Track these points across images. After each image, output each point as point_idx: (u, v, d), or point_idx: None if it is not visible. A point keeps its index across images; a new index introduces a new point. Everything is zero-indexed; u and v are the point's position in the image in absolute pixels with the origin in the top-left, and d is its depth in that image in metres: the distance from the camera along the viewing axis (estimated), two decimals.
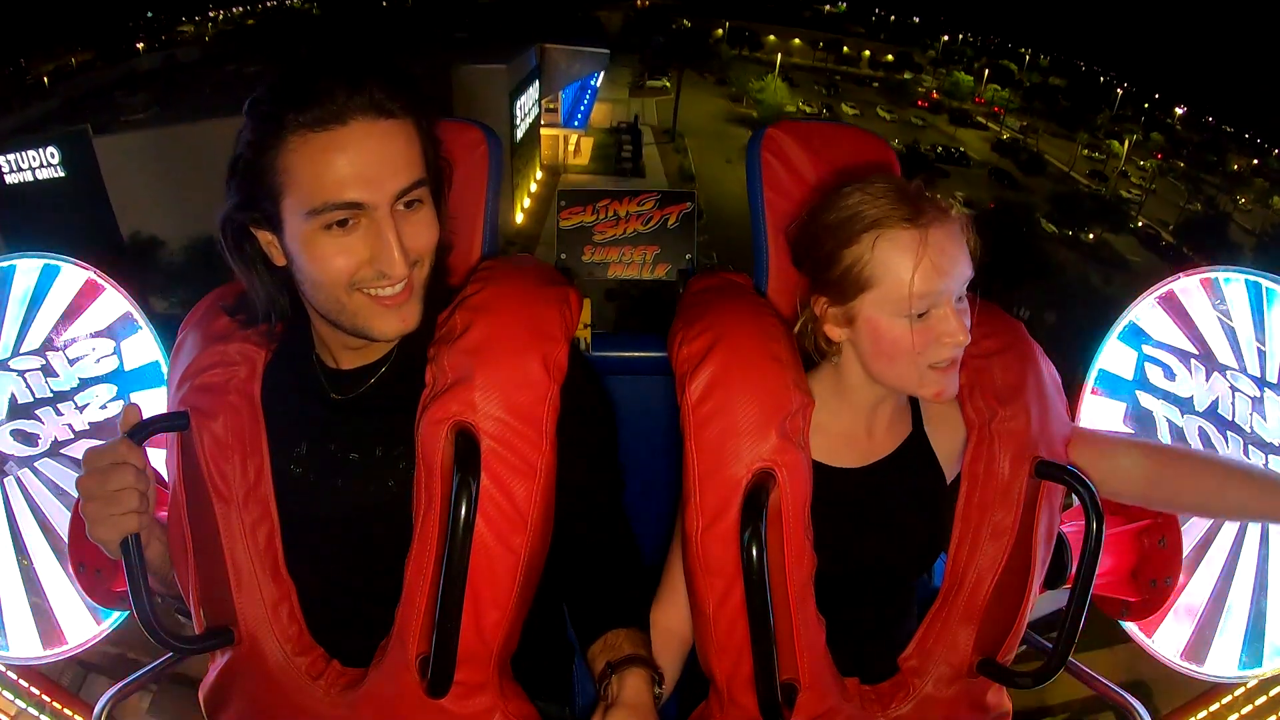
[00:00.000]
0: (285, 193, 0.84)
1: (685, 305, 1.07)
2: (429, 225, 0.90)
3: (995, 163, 38.14)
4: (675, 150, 32.88)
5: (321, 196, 0.82)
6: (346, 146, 0.82)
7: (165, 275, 15.91)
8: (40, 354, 1.28)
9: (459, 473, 0.86)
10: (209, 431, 0.96)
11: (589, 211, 1.38)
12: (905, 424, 1.06)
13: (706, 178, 29.20)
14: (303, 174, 0.82)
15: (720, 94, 43.54)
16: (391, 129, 0.84)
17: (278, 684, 0.96)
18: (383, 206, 0.84)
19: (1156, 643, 1.29)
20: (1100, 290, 22.94)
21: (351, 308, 0.89)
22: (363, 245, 0.85)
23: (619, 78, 42.30)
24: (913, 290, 0.89)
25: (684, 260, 1.39)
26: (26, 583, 1.28)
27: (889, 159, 1.18)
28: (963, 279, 0.92)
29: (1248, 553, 1.23)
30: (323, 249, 0.85)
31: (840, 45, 56.71)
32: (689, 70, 40.20)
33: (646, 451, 1.17)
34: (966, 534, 1.01)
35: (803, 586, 0.94)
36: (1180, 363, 1.28)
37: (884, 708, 1.01)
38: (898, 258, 0.90)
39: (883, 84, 51.74)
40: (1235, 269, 1.24)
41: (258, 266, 0.93)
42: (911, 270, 0.89)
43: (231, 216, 0.89)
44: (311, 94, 0.81)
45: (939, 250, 0.89)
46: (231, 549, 0.95)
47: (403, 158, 0.85)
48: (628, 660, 0.91)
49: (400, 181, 0.85)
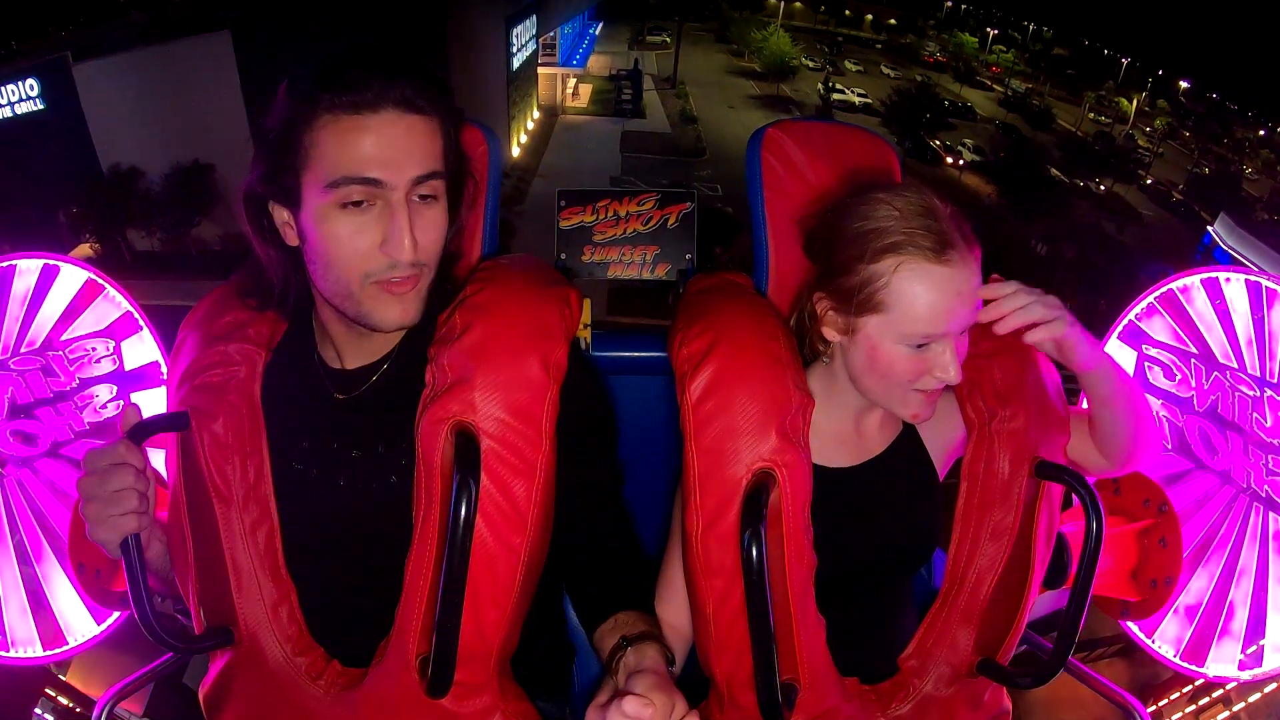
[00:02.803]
0: (308, 167, 0.86)
1: (685, 305, 1.07)
2: (438, 223, 0.92)
3: (1003, 118, 37.28)
4: (676, 96, 32.41)
5: (343, 169, 0.85)
6: (374, 129, 0.85)
7: (145, 205, 15.61)
8: (40, 354, 1.28)
9: (459, 472, 0.86)
10: (209, 432, 0.96)
11: (589, 211, 1.38)
12: (897, 422, 1.07)
13: (709, 120, 29.08)
14: (328, 149, 0.85)
15: (721, 50, 43.01)
16: (417, 123, 0.87)
17: (278, 684, 0.96)
18: (400, 189, 0.87)
19: (1156, 643, 1.29)
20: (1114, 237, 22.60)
21: (359, 295, 0.90)
22: (376, 226, 0.87)
23: (618, 33, 42.12)
24: (922, 328, 0.90)
25: (684, 260, 1.39)
26: (26, 583, 1.29)
27: (890, 159, 1.18)
28: (972, 320, 0.92)
29: (1248, 553, 1.23)
30: (337, 226, 0.87)
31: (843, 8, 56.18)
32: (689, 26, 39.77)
33: (646, 451, 1.17)
34: (966, 534, 1.01)
35: (803, 586, 0.94)
36: (1180, 363, 1.28)
37: (884, 708, 1.01)
38: (917, 291, 0.89)
39: (885, 46, 51.21)
40: (1235, 269, 1.24)
41: (274, 242, 0.94)
42: (928, 308, 0.89)
43: (254, 188, 0.91)
44: (349, 79, 0.84)
45: (956, 293, 0.88)
46: (231, 549, 0.95)
47: (423, 150, 0.88)
48: (643, 635, 0.91)
49: (419, 168, 0.87)
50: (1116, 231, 24.05)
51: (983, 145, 29.82)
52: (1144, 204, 30.41)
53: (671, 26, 40.46)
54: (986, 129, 34.47)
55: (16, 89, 14.94)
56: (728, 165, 23.06)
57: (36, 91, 15.16)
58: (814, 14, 55.09)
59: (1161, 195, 31.47)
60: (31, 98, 15.13)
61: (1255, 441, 1.20)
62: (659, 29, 43.89)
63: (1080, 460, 1.07)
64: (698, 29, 46.12)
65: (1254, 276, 1.22)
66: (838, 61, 42.63)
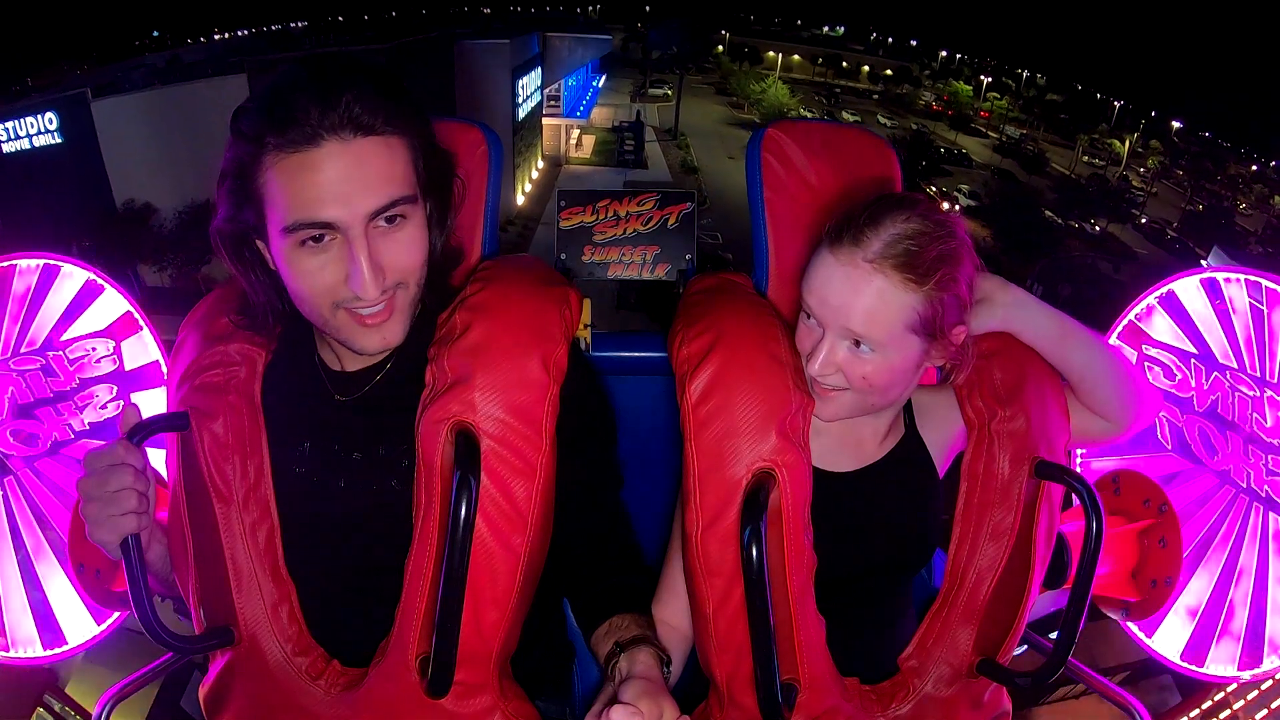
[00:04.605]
0: (266, 209, 0.85)
1: (685, 305, 1.07)
2: (412, 244, 0.89)
3: (998, 164, 38.05)
4: (678, 146, 33.05)
5: (294, 215, 0.82)
6: (319, 166, 0.81)
7: (157, 242, 15.80)
8: (40, 354, 1.28)
9: (459, 472, 0.86)
10: (209, 432, 0.96)
11: (589, 212, 1.38)
12: (899, 427, 1.07)
13: (709, 170, 29.59)
14: (279, 193, 0.83)
15: (720, 102, 43.99)
16: (369, 147, 0.83)
17: (278, 684, 0.96)
18: (356, 226, 0.83)
19: (1156, 643, 1.29)
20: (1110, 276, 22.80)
21: (334, 323, 0.90)
22: (336, 264, 0.85)
23: (620, 86, 42.82)
24: (811, 300, 0.94)
25: (684, 260, 1.39)
26: (26, 583, 1.29)
27: (889, 158, 1.18)
28: (845, 322, 0.92)
29: (1248, 553, 1.23)
30: (301, 265, 0.85)
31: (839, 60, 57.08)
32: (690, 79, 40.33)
33: (646, 451, 1.17)
34: (966, 534, 1.01)
35: (803, 586, 0.94)
36: (1180, 363, 1.28)
37: (884, 707, 1.01)
38: (813, 270, 0.95)
39: (882, 96, 52.02)
40: (1235, 269, 1.24)
41: (255, 270, 0.93)
42: (814, 287, 0.94)
43: (221, 228, 0.90)
44: (286, 115, 0.80)
45: (826, 282, 0.92)
46: (231, 549, 0.95)
47: (379, 176, 0.84)
48: (636, 640, 0.92)
49: (375, 200, 0.84)
50: (1113, 270, 24.28)
51: (978, 190, 30.28)
52: (1139, 242, 30.75)
53: (673, 79, 40.96)
54: (981, 174, 35.01)
55: (36, 122, 15.21)
56: (728, 214, 23.19)
57: (55, 125, 15.41)
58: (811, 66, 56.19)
59: (1156, 233, 31.78)
60: (50, 131, 15.37)
61: (1255, 441, 1.20)
62: (660, 82, 44.45)
63: (1086, 433, 1.07)
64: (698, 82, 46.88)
65: (1254, 276, 1.22)
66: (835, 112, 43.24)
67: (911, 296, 0.90)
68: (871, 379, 0.93)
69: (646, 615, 1.00)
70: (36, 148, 15.12)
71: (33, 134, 15.11)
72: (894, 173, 1.16)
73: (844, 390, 0.96)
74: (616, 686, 0.85)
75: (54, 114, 15.30)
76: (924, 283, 0.89)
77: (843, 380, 0.95)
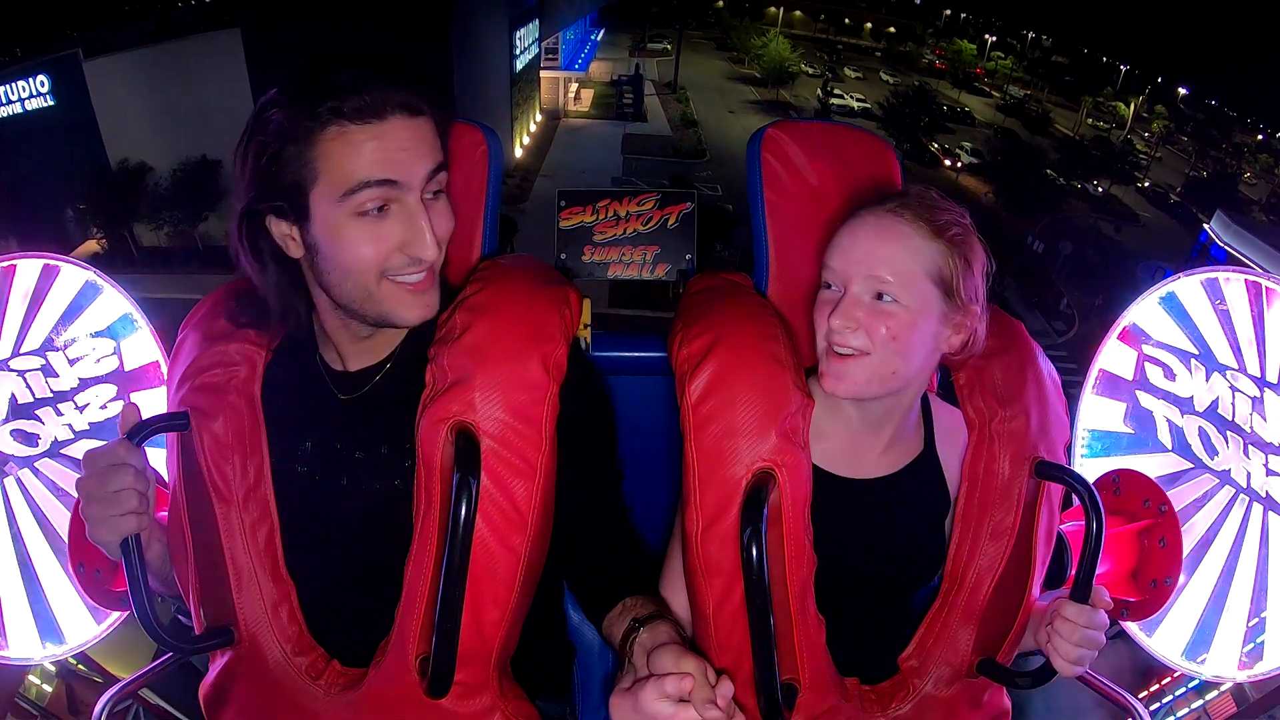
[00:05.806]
0: (316, 181, 0.86)
1: (685, 305, 1.07)
2: (449, 214, 0.94)
3: (1001, 123, 37.19)
4: (677, 100, 32.51)
5: (359, 175, 0.85)
6: (385, 135, 0.85)
7: (153, 200, 15.68)
8: (40, 354, 1.28)
9: (459, 472, 0.86)
10: (209, 432, 0.96)
11: (589, 212, 1.38)
12: (918, 441, 1.06)
13: (709, 124, 29.25)
14: (338, 160, 0.85)
15: (721, 57, 43.33)
16: (421, 125, 0.88)
17: (278, 684, 0.96)
18: (415, 189, 0.88)
19: (1156, 643, 1.29)
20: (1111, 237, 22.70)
21: (379, 295, 0.90)
22: (395, 231, 0.88)
23: (619, 41, 42.35)
24: (824, 263, 0.98)
25: (684, 260, 1.39)
26: (26, 583, 1.29)
27: (889, 158, 1.18)
28: (870, 268, 0.94)
29: (1248, 553, 1.23)
30: (353, 235, 0.87)
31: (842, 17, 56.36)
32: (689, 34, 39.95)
33: (646, 451, 1.17)
34: (966, 534, 1.01)
35: (803, 586, 0.94)
36: (1180, 363, 1.28)
37: (884, 708, 1.01)
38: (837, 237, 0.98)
39: (884, 54, 51.38)
40: (1235, 269, 1.24)
41: (270, 263, 0.93)
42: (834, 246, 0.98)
43: (253, 207, 0.89)
44: (350, 87, 0.84)
45: (852, 234, 0.96)
46: (231, 549, 0.95)
47: (429, 146, 0.89)
48: (653, 615, 0.91)
49: (429, 163, 0.89)
50: (1114, 231, 24.11)
51: (980, 148, 29.89)
52: (1141, 205, 30.41)
53: (672, 34, 40.67)
54: (984, 133, 34.52)
55: (28, 85, 14.90)
56: (727, 166, 23.34)
57: (47, 88, 15.12)
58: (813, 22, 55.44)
59: (1159, 197, 31.44)
60: (42, 94, 15.08)
61: (1255, 441, 1.20)
62: (660, 36, 44.13)
63: None
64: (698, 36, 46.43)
65: (1254, 276, 1.22)
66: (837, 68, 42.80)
67: (931, 245, 0.94)
68: (894, 332, 0.93)
69: (658, 597, 0.99)
70: (29, 111, 14.85)
71: (25, 97, 14.83)
72: (894, 173, 1.16)
73: (864, 356, 0.94)
74: (640, 660, 0.83)
75: (46, 76, 15.01)
76: (941, 235, 0.94)
77: (864, 340, 0.93)
